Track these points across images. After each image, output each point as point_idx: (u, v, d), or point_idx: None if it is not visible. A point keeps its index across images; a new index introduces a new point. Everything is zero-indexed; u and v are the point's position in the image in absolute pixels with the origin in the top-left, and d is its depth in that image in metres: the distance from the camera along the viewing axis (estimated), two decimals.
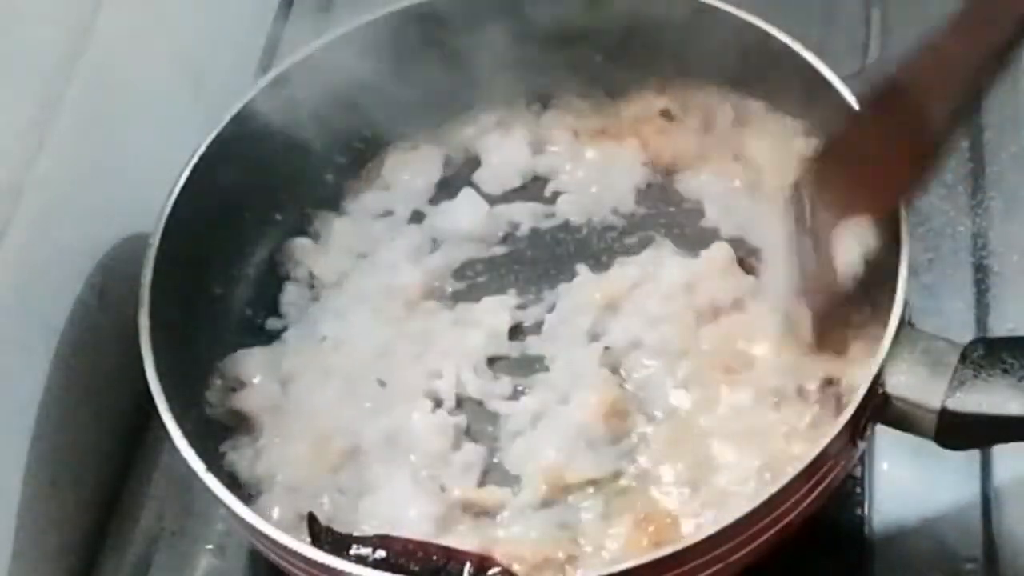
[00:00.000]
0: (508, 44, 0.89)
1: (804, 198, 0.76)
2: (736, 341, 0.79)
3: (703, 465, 0.76)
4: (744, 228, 0.84)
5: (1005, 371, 0.70)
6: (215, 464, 0.75)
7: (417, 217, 0.89)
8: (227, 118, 0.84)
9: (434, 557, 0.71)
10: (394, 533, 0.73)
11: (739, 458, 0.75)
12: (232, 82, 0.99)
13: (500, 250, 0.87)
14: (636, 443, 0.77)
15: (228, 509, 0.71)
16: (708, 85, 0.88)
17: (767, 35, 0.83)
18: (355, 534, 0.73)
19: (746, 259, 0.82)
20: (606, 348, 0.80)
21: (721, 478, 0.75)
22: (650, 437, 0.77)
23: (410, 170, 0.91)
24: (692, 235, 0.86)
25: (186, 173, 0.81)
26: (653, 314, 0.81)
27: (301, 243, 0.88)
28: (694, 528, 0.73)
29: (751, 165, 0.86)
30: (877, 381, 0.70)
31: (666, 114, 0.89)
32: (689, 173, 0.88)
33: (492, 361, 0.82)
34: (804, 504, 0.71)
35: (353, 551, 0.71)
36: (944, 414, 0.70)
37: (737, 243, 0.84)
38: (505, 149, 0.90)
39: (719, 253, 0.82)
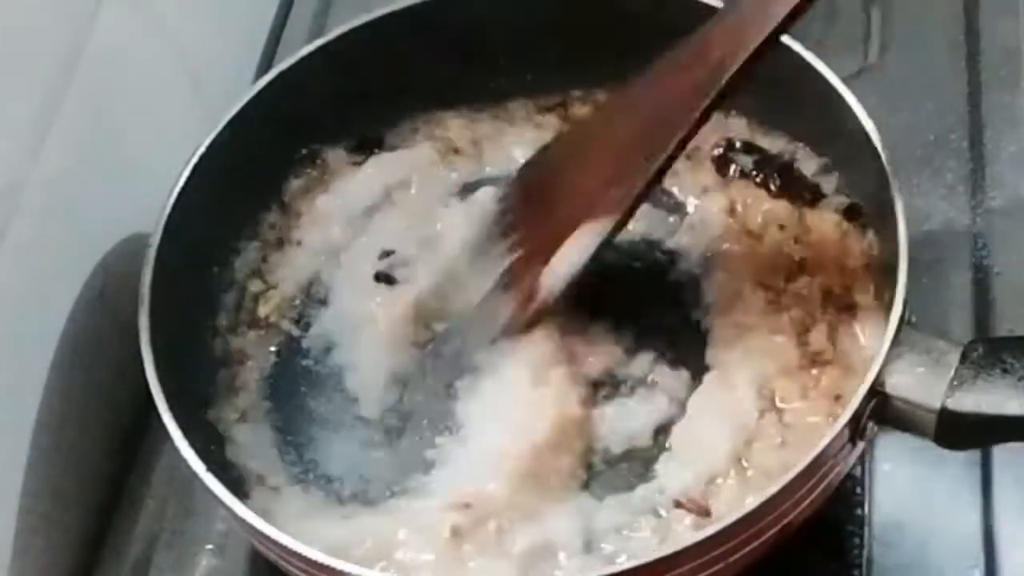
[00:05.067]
0: (511, 44, 0.89)
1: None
2: None
3: None
4: None
5: (1005, 371, 0.70)
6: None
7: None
8: (227, 118, 0.84)
9: None
10: None
11: None
12: (232, 82, 0.99)
13: None
14: None
15: (228, 509, 0.71)
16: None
17: None
18: None
19: None
20: None
21: None
22: None
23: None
24: None
25: (186, 173, 0.81)
26: None
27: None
28: None
29: None
30: (877, 381, 0.70)
31: None
32: None
33: None
34: (804, 504, 0.71)
35: None
36: (944, 414, 0.70)
37: None
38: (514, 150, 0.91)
39: None
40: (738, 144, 0.87)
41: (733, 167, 0.87)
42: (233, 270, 0.86)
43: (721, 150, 0.87)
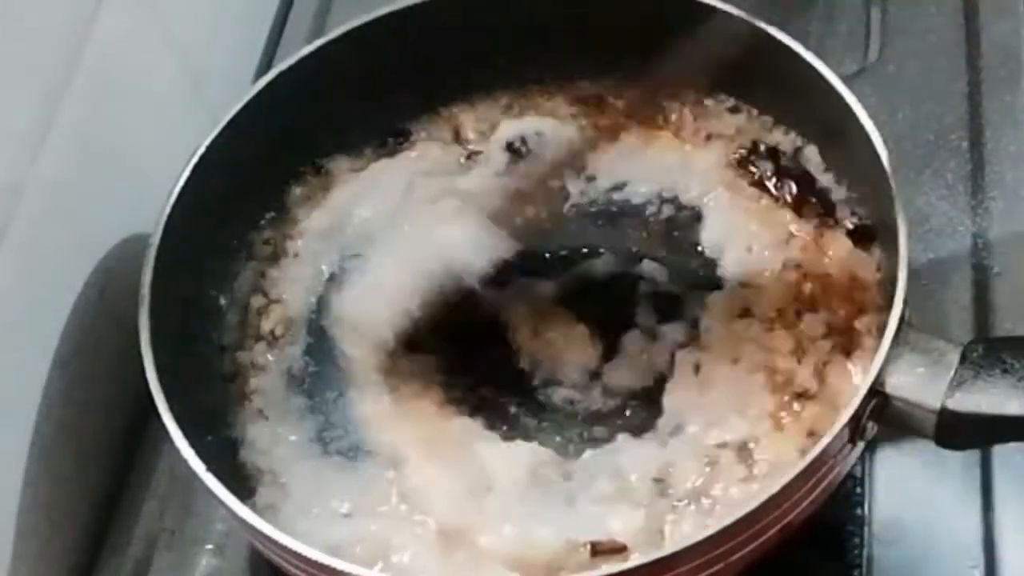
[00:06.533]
0: (510, 44, 0.89)
1: None
2: None
3: None
4: None
5: (1005, 371, 0.70)
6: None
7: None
8: (227, 118, 0.84)
9: None
10: None
11: None
12: (232, 82, 0.99)
13: None
14: None
15: (228, 509, 0.71)
16: (703, 86, 0.88)
17: (766, 35, 0.82)
18: None
19: None
20: None
21: None
22: None
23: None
24: None
25: (186, 173, 0.81)
26: None
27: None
28: None
29: None
30: (877, 381, 0.70)
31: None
32: None
33: None
34: (804, 504, 0.71)
35: None
36: (944, 414, 0.70)
37: None
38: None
39: None
40: (763, 147, 0.87)
41: (754, 171, 0.87)
42: (232, 289, 0.86)
43: (745, 152, 0.87)
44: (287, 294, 0.86)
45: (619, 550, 0.72)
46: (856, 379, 0.76)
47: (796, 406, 0.76)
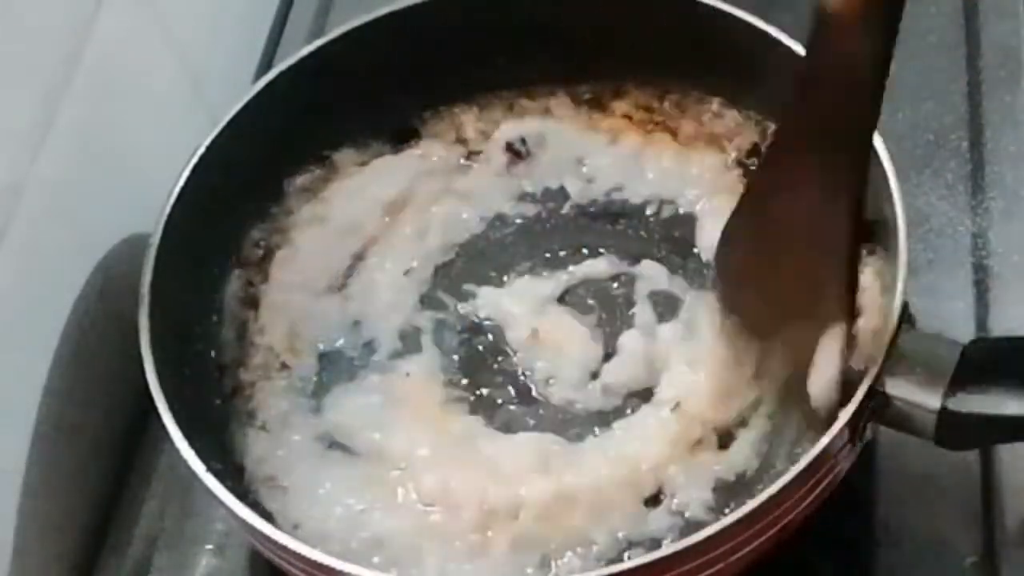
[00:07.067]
0: (508, 44, 0.89)
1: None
2: None
3: None
4: None
5: (1005, 371, 0.70)
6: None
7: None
8: (227, 118, 0.84)
9: None
10: None
11: None
12: (232, 82, 0.99)
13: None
14: None
15: (228, 509, 0.71)
16: (703, 87, 0.88)
17: (766, 35, 0.82)
18: None
19: None
20: None
21: None
22: None
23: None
24: None
25: (186, 173, 0.81)
26: None
27: None
28: None
29: None
30: (877, 381, 0.70)
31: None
32: None
33: None
34: (804, 504, 0.71)
35: None
36: (944, 414, 0.70)
37: None
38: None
39: None
40: (762, 149, 0.86)
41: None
42: (232, 288, 0.86)
43: (744, 153, 0.87)
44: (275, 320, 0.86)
45: None
46: None
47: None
